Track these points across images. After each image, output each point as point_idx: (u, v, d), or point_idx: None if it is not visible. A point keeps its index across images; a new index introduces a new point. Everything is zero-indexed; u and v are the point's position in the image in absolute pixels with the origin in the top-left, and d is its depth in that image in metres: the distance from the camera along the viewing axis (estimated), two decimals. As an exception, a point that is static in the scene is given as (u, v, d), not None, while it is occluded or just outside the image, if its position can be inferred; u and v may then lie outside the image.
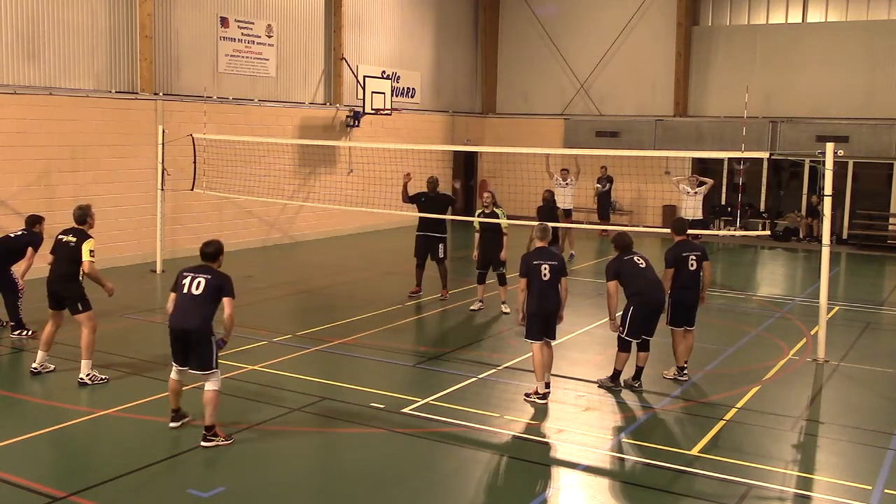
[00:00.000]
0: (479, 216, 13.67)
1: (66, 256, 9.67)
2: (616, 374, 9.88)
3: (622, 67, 26.00)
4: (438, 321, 13.51)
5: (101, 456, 7.75)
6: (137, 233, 17.12)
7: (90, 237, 9.78)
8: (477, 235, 13.75)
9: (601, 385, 9.90)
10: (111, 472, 7.24)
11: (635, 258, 9.84)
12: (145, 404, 8.88)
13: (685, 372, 10.21)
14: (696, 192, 18.11)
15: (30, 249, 11.47)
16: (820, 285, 11.35)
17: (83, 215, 9.95)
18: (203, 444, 7.86)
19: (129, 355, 10.60)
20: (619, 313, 9.80)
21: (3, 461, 7.50)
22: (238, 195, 17.96)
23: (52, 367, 10.02)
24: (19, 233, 11.71)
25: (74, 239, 9.70)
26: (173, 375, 8.14)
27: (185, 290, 7.97)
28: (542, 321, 9.32)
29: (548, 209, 15.77)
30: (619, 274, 9.73)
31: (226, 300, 7.96)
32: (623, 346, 9.79)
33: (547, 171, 19.55)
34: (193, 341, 7.92)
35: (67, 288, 9.71)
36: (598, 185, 23.02)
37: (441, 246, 14.36)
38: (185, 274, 8.08)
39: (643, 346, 9.85)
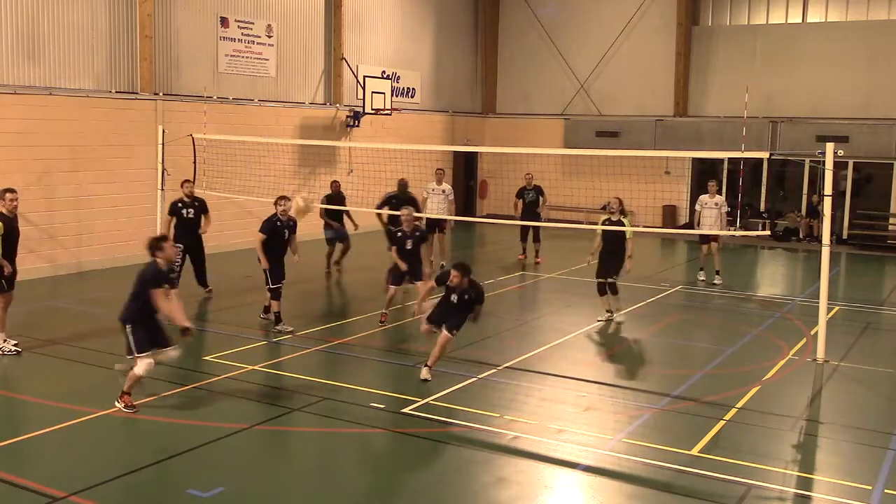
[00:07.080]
0: (603, 223, 13.17)
1: None
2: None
3: (622, 67, 25.98)
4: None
5: (102, 456, 7.74)
6: (137, 233, 17.03)
7: None
8: (598, 240, 13.26)
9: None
10: (111, 472, 7.23)
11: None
12: (145, 404, 8.87)
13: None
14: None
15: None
16: (820, 285, 11.34)
17: None
18: None
19: (127, 355, 10.57)
20: None
21: (3, 461, 7.50)
22: (238, 195, 17.93)
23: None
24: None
25: None
26: None
27: None
28: None
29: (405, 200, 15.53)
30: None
31: None
32: None
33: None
34: None
35: None
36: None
37: None
38: None
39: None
